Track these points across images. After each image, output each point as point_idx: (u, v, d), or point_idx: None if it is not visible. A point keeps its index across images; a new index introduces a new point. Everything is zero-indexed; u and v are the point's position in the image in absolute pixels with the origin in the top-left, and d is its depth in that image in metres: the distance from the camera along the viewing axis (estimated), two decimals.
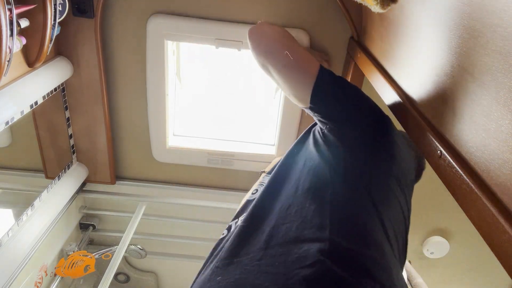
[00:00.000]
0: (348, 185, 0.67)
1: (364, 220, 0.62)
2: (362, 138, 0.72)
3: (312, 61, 0.77)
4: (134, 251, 1.61)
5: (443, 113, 0.62)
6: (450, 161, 0.56)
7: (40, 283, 1.35)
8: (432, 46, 0.65)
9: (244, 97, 1.65)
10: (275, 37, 0.81)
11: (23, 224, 1.15)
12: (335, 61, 1.34)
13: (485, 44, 0.48)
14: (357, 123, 0.74)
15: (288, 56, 0.76)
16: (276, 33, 0.82)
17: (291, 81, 0.78)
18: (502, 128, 0.45)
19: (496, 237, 0.44)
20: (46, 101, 1.17)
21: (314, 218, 0.61)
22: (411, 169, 0.84)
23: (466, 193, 0.51)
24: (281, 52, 0.77)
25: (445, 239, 1.79)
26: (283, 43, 0.79)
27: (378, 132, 0.74)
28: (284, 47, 0.78)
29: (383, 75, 0.90)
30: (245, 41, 1.27)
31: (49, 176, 1.32)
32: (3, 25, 0.77)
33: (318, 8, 1.24)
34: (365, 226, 0.62)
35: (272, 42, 0.80)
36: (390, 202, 0.69)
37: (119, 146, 1.51)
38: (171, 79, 1.39)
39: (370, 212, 0.64)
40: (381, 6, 0.76)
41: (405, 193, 0.74)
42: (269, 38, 0.80)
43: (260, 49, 0.81)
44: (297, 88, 0.78)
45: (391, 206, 0.69)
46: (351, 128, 0.73)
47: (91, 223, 1.64)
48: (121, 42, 1.29)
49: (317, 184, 0.68)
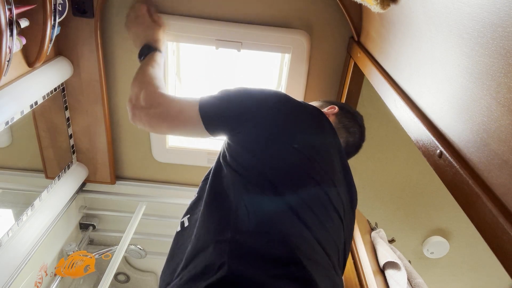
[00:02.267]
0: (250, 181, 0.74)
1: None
2: (258, 134, 0.80)
3: (188, 107, 0.88)
4: (134, 251, 1.61)
5: (443, 112, 0.62)
6: (451, 161, 0.56)
7: (40, 283, 1.35)
8: (432, 46, 0.65)
9: None
10: (151, 116, 0.91)
11: (23, 224, 1.15)
12: (335, 61, 1.34)
13: (485, 44, 0.48)
14: (248, 124, 0.81)
15: (174, 121, 0.88)
16: (150, 112, 0.91)
17: (188, 133, 0.92)
18: (502, 128, 0.45)
19: (496, 237, 0.44)
20: (46, 101, 1.17)
21: (215, 225, 0.70)
22: (328, 135, 0.88)
23: (466, 193, 0.51)
24: (165, 122, 0.89)
25: (445, 239, 1.79)
26: (162, 116, 0.89)
27: (275, 121, 0.82)
28: (164, 116, 0.89)
29: (383, 75, 0.90)
30: (245, 41, 1.28)
31: (49, 176, 1.32)
32: (3, 25, 0.77)
33: (318, 8, 1.24)
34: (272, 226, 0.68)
35: (153, 122, 0.90)
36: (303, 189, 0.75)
37: (119, 146, 1.51)
38: (171, 79, 1.39)
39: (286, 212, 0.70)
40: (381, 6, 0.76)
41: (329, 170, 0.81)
42: (149, 121, 0.91)
43: (152, 129, 0.93)
44: (194, 133, 0.89)
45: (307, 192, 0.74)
46: (246, 131, 0.81)
47: (91, 223, 1.64)
48: (121, 42, 1.29)
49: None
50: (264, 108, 0.83)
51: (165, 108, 0.89)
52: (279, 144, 0.78)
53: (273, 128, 0.80)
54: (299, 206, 0.71)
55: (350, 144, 1.01)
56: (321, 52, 1.32)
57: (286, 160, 0.77)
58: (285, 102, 0.86)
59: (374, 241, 1.17)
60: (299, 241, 0.66)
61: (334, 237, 0.75)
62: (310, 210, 0.72)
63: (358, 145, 1.05)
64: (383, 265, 1.05)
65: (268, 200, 0.70)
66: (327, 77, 1.37)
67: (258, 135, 0.80)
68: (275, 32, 1.26)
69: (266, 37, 1.26)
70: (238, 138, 0.82)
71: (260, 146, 0.79)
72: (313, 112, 0.87)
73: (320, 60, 1.34)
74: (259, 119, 0.81)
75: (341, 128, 1.00)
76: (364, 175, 1.65)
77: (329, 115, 1.01)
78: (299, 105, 0.87)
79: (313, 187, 0.76)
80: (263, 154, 0.77)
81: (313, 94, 1.40)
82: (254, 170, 0.75)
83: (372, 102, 1.42)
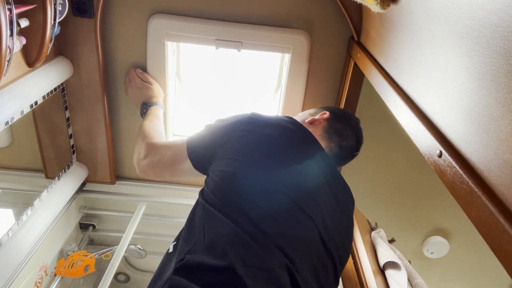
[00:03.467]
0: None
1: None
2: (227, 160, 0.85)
3: (179, 149, 0.97)
4: (134, 251, 1.61)
5: (443, 112, 0.62)
6: (450, 161, 0.55)
7: (40, 283, 1.35)
8: (432, 46, 0.65)
9: (244, 97, 1.65)
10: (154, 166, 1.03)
11: (23, 224, 1.15)
12: (335, 61, 1.34)
13: (485, 44, 0.48)
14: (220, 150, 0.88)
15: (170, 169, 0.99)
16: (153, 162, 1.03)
17: (188, 174, 0.98)
18: (502, 128, 0.45)
19: (496, 237, 0.44)
20: (46, 101, 1.17)
21: (180, 248, 0.76)
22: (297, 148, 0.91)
23: (466, 193, 0.51)
24: (165, 170, 1.00)
25: (445, 239, 1.79)
26: (160, 163, 1.01)
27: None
28: (163, 162, 1.00)
29: (383, 75, 0.90)
30: (245, 41, 1.27)
31: (49, 176, 1.32)
32: (3, 25, 0.77)
33: (318, 8, 1.24)
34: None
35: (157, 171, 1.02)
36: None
37: (119, 146, 1.51)
38: (171, 79, 1.39)
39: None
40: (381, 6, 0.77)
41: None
42: (152, 170, 1.03)
43: (158, 177, 1.04)
44: (193, 172, 0.96)
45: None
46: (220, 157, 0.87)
47: (91, 223, 1.64)
48: (121, 42, 1.29)
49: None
50: (232, 135, 0.89)
51: (160, 154, 1.01)
52: (246, 168, 0.82)
53: (239, 154, 0.85)
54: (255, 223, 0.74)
55: (344, 148, 1.02)
56: (321, 52, 1.32)
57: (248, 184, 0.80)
58: (251, 128, 0.89)
59: (374, 241, 1.17)
60: (240, 250, 0.69)
61: (303, 240, 0.77)
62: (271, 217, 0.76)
63: (355, 148, 1.05)
64: (383, 265, 1.05)
65: (224, 222, 0.74)
66: (327, 77, 1.37)
67: (227, 163, 0.84)
68: (275, 32, 1.26)
69: (266, 37, 1.26)
70: (212, 167, 0.87)
71: (228, 171, 0.82)
72: (281, 132, 0.90)
73: (320, 60, 1.34)
74: (227, 146, 0.87)
75: (332, 132, 1.01)
76: (364, 175, 1.65)
77: (320, 121, 1.04)
78: (265, 127, 0.90)
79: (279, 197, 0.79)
80: (229, 181, 0.81)
81: (313, 94, 1.40)
82: (219, 194, 0.79)
83: (372, 102, 1.42)
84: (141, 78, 1.30)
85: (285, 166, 0.83)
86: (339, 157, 1.02)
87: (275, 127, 0.90)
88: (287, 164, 0.84)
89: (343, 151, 1.02)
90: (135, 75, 1.29)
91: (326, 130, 1.01)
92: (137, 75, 1.29)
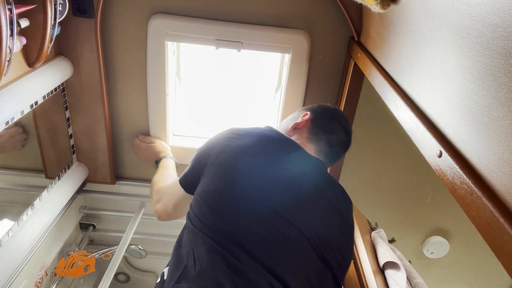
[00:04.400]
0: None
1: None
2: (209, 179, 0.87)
3: (175, 184, 1.02)
4: (134, 251, 1.61)
5: (443, 112, 0.62)
6: (450, 161, 0.55)
7: (40, 283, 1.35)
8: (432, 46, 0.65)
9: (244, 97, 1.65)
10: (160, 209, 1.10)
11: (23, 224, 1.15)
12: (335, 61, 1.34)
13: (485, 44, 0.48)
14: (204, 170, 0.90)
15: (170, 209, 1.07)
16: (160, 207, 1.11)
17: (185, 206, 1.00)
18: (502, 128, 0.45)
19: (496, 237, 0.44)
20: (46, 101, 1.17)
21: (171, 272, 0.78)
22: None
23: (466, 193, 0.51)
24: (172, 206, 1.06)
25: (445, 239, 1.79)
26: (169, 202, 1.07)
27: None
28: (170, 202, 1.06)
29: (383, 75, 0.90)
30: (245, 41, 1.28)
31: (49, 176, 1.32)
32: (3, 25, 0.77)
33: (318, 8, 1.24)
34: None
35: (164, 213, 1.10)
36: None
37: (119, 146, 1.51)
38: (171, 79, 1.39)
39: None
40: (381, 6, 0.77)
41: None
42: (165, 211, 1.09)
43: (173, 215, 1.09)
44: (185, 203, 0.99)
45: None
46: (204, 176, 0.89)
47: (91, 223, 1.64)
48: (121, 42, 1.29)
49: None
50: (211, 153, 0.90)
51: (167, 195, 1.07)
52: (225, 184, 0.82)
53: (219, 170, 0.85)
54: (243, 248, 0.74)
55: (335, 143, 1.01)
56: (321, 52, 1.32)
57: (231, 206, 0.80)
58: (228, 143, 0.90)
59: (374, 241, 1.17)
60: (231, 275, 0.69)
61: (291, 254, 0.76)
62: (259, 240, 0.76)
63: (346, 140, 1.04)
64: (383, 265, 1.05)
65: (212, 251, 0.73)
66: (327, 77, 1.37)
67: (207, 181, 0.85)
68: (275, 32, 1.26)
69: (266, 37, 1.26)
70: (197, 188, 0.88)
71: (209, 190, 0.83)
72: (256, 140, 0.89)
73: (320, 60, 1.34)
74: (209, 165, 0.88)
75: (319, 131, 1.00)
76: (364, 175, 1.65)
77: (303, 124, 1.03)
78: (241, 138, 0.90)
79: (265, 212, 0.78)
80: (210, 200, 0.81)
81: (313, 94, 1.40)
82: (203, 216, 0.79)
83: (372, 102, 1.42)
84: (145, 141, 1.42)
85: (266, 176, 0.82)
86: (331, 154, 1.01)
87: (252, 136, 0.89)
88: (268, 174, 0.82)
89: (334, 146, 1.01)
90: (139, 142, 1.42)
91: (312, 131, 1.00)
92: (141, 140, 1.42)
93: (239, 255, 0.71)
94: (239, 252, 0.71)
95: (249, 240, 0.73)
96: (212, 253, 0.72)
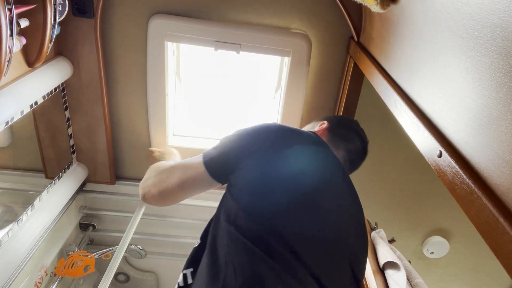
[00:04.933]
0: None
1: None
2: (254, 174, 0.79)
3: (192, 163, 0.93)
4: (134, 251, 1.61)
5: (443, 112, 0.62)
6: (450, 161, 0.55)
7: (40, 283, 1.35)
8: (432, 46, 0.65)
9: (244, 97, 1.65)
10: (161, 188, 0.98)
11: (23, 224, 1.15)
12: (335, 61, 1.34)
13: (485, 44, 0.48)
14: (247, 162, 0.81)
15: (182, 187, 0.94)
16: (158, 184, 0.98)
17: (197, 189, 0.94)
18: (502, 128, 0.45)
19: (496, 237, 0.44)
20: (46, 101, 1.17)
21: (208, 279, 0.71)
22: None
23: (466, 193, 0.51)
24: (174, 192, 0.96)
25: (445, 239, 1.79)
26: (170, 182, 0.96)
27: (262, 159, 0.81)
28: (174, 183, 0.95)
29: (383, 75, 0.90)
30: (244, 43, 1.27)
31: (49, 176, 1.32)
32: (3, 25, 0.77)
33: (318, 9, 1.24)
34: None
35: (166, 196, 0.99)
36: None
37: (119, 146, 1.51)
38: (171, 79, 1.39)
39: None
40: (381, 6, 0.77)
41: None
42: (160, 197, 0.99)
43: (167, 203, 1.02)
44: (203, 186, 0.93)
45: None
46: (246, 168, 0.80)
47: (91, 223, 1.64)
48: (121, 42, 1.29)
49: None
50: (259, 143, 0.82)
51: (176, 170, 0.97)
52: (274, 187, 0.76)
53: (268, 165, 0.78)
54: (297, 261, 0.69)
55: (353, 151, 1.01)
56: (321, 52, 1.32)
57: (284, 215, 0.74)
58: (278, 136, 0.83)
59: (374, 241, 1.17)
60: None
61: (335, 263, 0.74)
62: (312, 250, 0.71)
63: (363, 149, 1.04)
64: (383, 265, 1.05)
65: (257, 260, 0.68)
66: (327, 77, 1.37)
67: (255, 176, 0.78)
68: (275, 35, 1.25)
69: (266, 40, 1.26)
70: (236, 182, 0.80)
71: (255, 194, 0.76)
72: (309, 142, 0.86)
73: (320, 61, 1.34)
74: (256, 156, 0.80)
75: (337, 139, 1.00)
76: (364, 175, 1.65)
77: (321, 133, 1.02)
78: (294, 137, 0.85)
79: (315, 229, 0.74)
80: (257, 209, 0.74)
81: (313, 94, 1.40)
82: (247, 230, 0.72)
83: (372, 102, 1.42)
84: (155, 151, 1.42)
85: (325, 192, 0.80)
86: (350, 162, 1.01)
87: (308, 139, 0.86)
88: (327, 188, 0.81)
89: (352, 154, 1.01)
90: (151, 154, 1.43)
91: (330, 139, 1.00)
92: (153, 151, 1.42)
93: (292, 267, 0.67)
94: (293, 263, 0.68)
95: (304, 247, 0.70)
96: (263, 266, 0.67)
